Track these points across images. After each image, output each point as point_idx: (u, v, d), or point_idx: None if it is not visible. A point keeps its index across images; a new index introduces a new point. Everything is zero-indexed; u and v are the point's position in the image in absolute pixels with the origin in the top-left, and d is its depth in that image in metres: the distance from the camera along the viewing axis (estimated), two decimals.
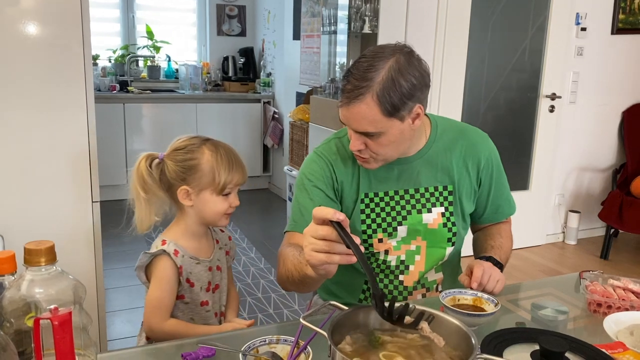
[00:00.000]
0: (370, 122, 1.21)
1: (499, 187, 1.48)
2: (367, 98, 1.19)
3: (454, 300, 1.20)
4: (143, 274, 1.34)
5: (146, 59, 5.36)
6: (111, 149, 4.54)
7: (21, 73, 1.75)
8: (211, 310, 1.41)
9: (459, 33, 3.50)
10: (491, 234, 1.50)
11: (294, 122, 4.28)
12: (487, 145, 1.46)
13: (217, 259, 1.43)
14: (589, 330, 1.22)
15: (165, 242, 1.34)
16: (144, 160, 1.35)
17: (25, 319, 0.75)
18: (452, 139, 1.42)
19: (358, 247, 0.87)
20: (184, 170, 1.33)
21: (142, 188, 1.33)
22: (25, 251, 0.75)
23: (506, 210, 1.53)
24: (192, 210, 1.36)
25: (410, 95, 1.21)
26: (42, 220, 1.83)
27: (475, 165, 1.43)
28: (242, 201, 1.40)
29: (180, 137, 1.39)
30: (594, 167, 4.21)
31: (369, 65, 1.20)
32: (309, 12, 4.07)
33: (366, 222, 1.38)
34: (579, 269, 3.90)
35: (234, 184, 1.35)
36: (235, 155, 1.37)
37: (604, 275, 1.35)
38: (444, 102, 3.53)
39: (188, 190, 1.33)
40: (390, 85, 1.18)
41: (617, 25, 3.95)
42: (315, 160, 1.40)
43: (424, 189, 1.40)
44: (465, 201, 1.43)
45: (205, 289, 1.39)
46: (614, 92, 4.09)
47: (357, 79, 1.20)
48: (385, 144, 1.26)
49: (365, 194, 1.38)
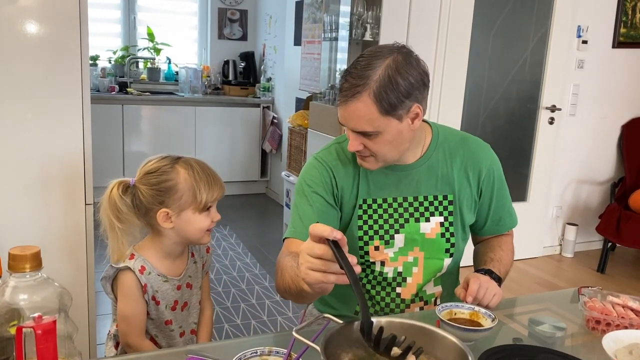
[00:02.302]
0: (368, 121, 1.20)
1: (501, 199, 1.46)
2: (363, 96, 1.17)
3: (450, 314, 1.17)
4: (109, 285, 1.31)
5: (146, 61, 5.34)
6: (108, 150, 4.52)
7: (16, 72, 1.72)
8: (175, 330, 1.38)
9: (460, 42, 3.50)
10: (492, 246, 1.48)
11: (293, 127, 4.26)
12: (489, 156, 1.44)
13: (188, 275, 1.40)
14: (587, 348, 1.20)
15: (133, 257, 1.31)
16: (115, 187, 1.30)
17: (8, 327, 0.73)
18: (454, 148, 1.40)
19: (352, 270, 0.84)
20: (161, 193, 1.28)
21: (117, 218, 1.28)
22: (9, 256, 0.73)
23: (508, 223, 1.50)
24: (172, 232, 1.32)
25: (408, 94, 1.19)
26: (33, 222, 1.80)
27: (476, 175, 1.41)
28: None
29: (149, 159, 1.34)
30: (592, 180, 4.20)
31: (367, 63, 1.19)
32: (310, 18, 4.06)
33: (363, 228, 1.36)
34: (576, 282, 3.89)
35: (214, 198, 1.32)
36: (211, 170, 1.35)
37: (603, 292, 1.33)
38: (444, 111, 3.52)
39: (168, 213, 1.29)
40: (387, 83, 1.17)
41: (618, 38, 3.95)
42: (315, 166, 1.38)
43: (423, 197, 1.38)
44: (466, 212, 1.41)
45: (171, 307, 1.35)
46: (614, 106, 4.08)
47: (354, 78, 1.19)
48: (384, 143, 1.24)
49: (364, 199, 1.36)
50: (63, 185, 1.82)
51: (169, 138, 4.88)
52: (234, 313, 2.96)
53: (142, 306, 1.31)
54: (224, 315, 2.92)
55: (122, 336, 1.32)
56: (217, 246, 3.96)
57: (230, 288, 3.27)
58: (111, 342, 1.37)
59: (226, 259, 3.74)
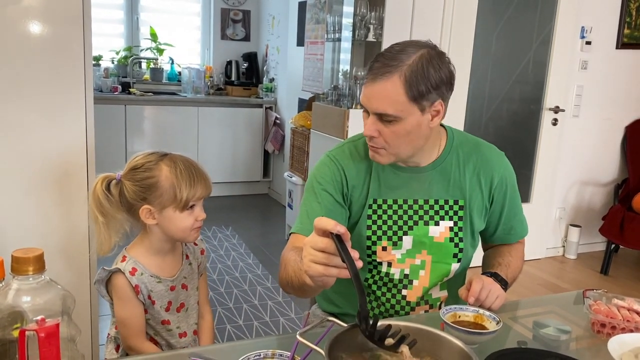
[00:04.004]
0: (392, 103, 1.19)
1: (513, 208, 1.45)
2: (394, 76, 1.18)
3: (454, 317, 1.17)
4: (103, 287, 1.31)
5: (149, 61, 5.35)
6: (111, 150, 4.52)
7: (20, 72, 1.72)
8: (174, 329, 1.37)
9: (464, 43, 3.49)
10: (501, 252, 1.47)
11: (296, 128, 4.26)
12: (503, 163, 1.43)
13: (183, 276, 1.39)
14: (593, 352, 1.19)
15: (125, 259, 1.31)
16: (99, 182, 1.30)
17: (11, 330, 0.72)
18: (467, 153, 1.40)
19: (353, 263, 0.84)
20: (143, 190, 1.28)
21: (100, 212, 1.29)
22: (12, 259, 0.72)
23: (519, 232, 1.50)
24: (157, 228, 1.31)
25: (437, 87, 1.21)
26: (36, 222, 1.80)
27: (488, 182, 1.39)
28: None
29: (137, 154, 1.34)
30: (595, 181, 4.19)
31: (402, 49, 1.21)
32: (313, 18, 4.06)
33: (372, 227, 1.35)
34: (579, 284, 3.88)
35: (197, 197, 1.30)
36: (196, 168, 1.32)
37: (608, 295, 1.32)
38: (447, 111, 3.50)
39: (150, 209, 1.28)
40: (419, 70, 1.18)
41: (622, 39, 3.93)
42: (327, 163, 1.38)
43: (434, 200, 1.37)
44: (476, 218, 1.40)
45: (165, 308, 1.35)
46: (618, 107, 4.07)
47: (387, 59, 1.20)
48: (401, 133, 1.23)
49: (374, 199, 1.35)
50: (66, 186, 1.82)
51: (171, 138, 4.88)
52: (236, 314, 2.96)
53: (137, 308, 1.30)
54: (226, 316, 2.92)
55: (123, 339, 1.32)
56: (219, 247, 3.96)
57: (233, 289, 3.27)
58: (111, 344, 1.37)
59: (228, 259, 3.74)
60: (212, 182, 1.36)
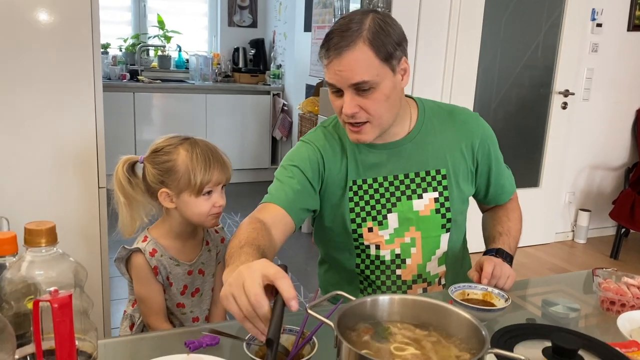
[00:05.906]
0: (366, 69, 1.17)
1: (499, 166, 1.43)
2: (358, 43, 1.16)
3: (463, 295, 1.17)
4: (122, 265, 1.32)
5: (157, 49, 5.35)
6: (120, 137, 4.54)
7: (30, 60, 1.73)
8: (188, 313, 1.38)
9: (472, 28, 3.46)
10: (499, 217, 1.46)
11: (303, 114, 4.25)
12: (480, 125, 1.40)
13: (201, 262, 1.40)
14: (602, 329, 1.19)
15: (146, 239, 1.32)
16: (121, 165, 1.32)
17: (24, 301, 0.73)
18: (442, 121, 1.37)
19: (277, 333, 0.76)
20: (162, 173, 1.28)
21: (122, 193, 1.31)
22: (25, 231, 0.73)
23: (509, 189, 1.49)
24: (176, 212, 1.32)
25: (399, 43, 1.20)
26: (48, 203, 1.82)
27: (469, 146, 1.37)
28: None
29: (161, 137, 1.34)
30: (606, 165, 4.16)
31: (350, 19, 1.19)
32: (320, 3, 4.04)
33: (355, 210, 1.33)
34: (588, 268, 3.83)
35: (213, 183, 1.29)
36: (213, 153, 1.31)
37: (618, 273, 1.31)
38: (455, 97, 3.48)
39: (168, 193, 1.29)
40: (379, 30, 1.17)
41: (633, 22, 3.88)
42: (302, 146, 1.36)
43: (414, 174, 1.34)
44: (463, 184, 1.38)
45: (180, 292, 1.36)
46: (629, 90, 4.03)
47: (342, 31, 1.17)
48: (381, 99, 1.20)
49: (354, 181, 1.33)
50: (77, 169, 1.84)
51: (179, 125, 4.89)
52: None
53: (156, 287, 1.32)
54: None
55: (143, 316, 1.34)
56: (229, 232, 3.96)
57: None
58: (126, 322, 1.39)
59: None
60: None
